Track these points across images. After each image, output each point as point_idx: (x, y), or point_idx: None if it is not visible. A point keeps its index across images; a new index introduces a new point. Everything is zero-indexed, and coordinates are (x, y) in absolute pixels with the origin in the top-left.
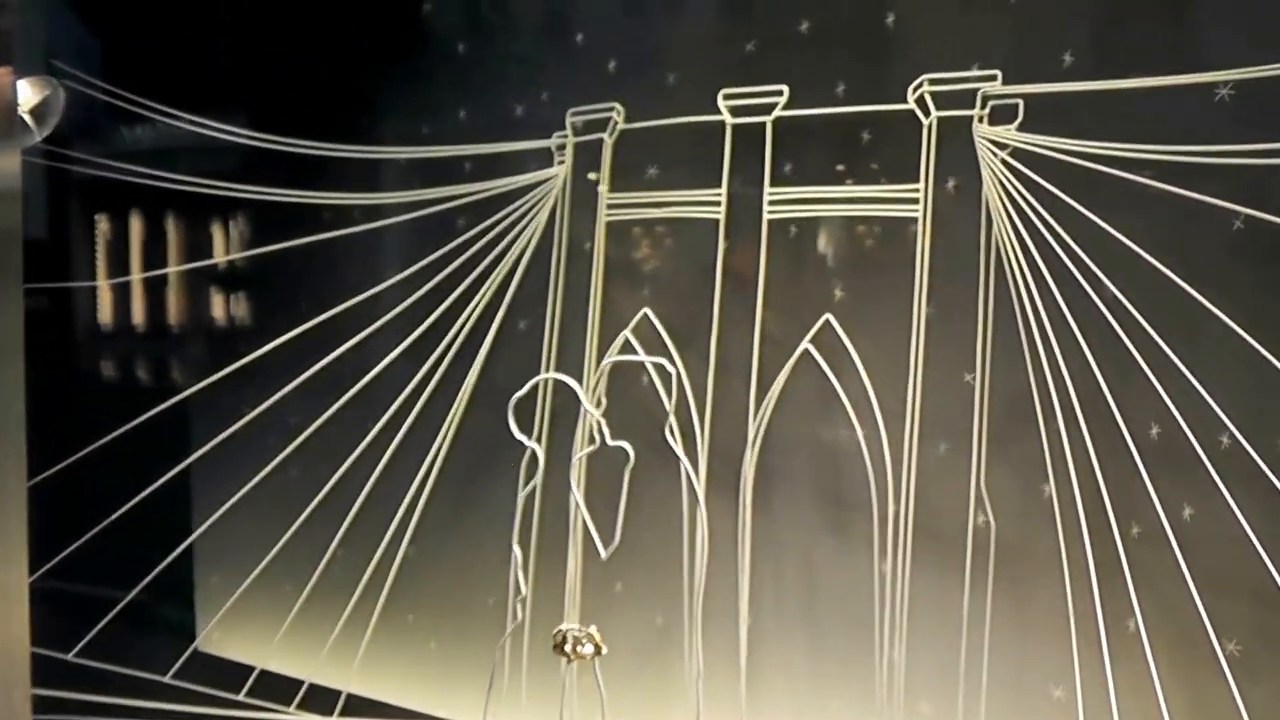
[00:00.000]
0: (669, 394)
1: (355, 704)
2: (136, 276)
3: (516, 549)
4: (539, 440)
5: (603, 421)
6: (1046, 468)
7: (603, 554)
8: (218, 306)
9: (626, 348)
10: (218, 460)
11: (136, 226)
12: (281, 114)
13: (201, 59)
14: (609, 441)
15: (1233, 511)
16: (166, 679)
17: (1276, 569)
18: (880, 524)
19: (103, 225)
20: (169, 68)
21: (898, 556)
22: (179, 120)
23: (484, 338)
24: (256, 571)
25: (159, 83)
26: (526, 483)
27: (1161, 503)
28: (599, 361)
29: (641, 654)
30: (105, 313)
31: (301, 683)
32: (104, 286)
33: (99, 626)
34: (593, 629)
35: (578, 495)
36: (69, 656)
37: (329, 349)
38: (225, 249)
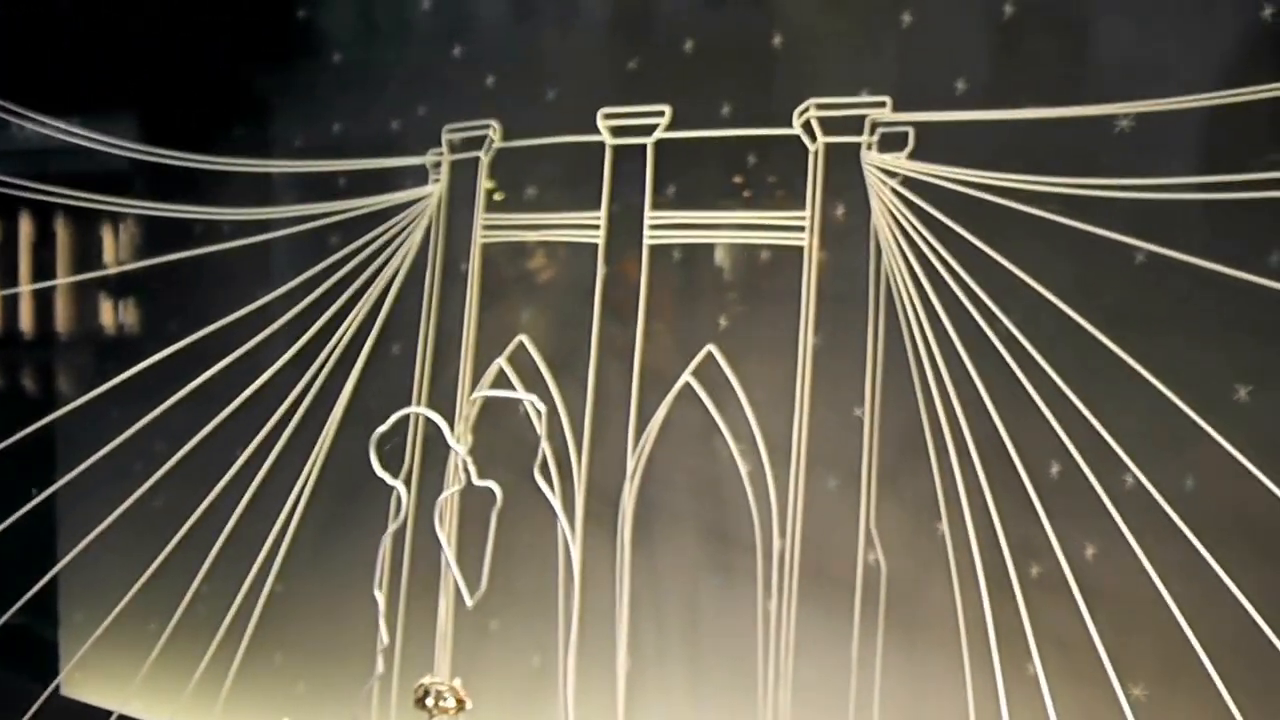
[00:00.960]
0: (541, 431)
1: None
2: None
3: (379, 595)
4: (409, 477)
5: (469, 460)
6: (939, 506)
7: (469, 602)
8: (79, 322)
9: (501, 377)
10: (80, 491)
11: None
12: (150, 123)
13: (73, 67)
14: (475, 481)
15: (1137, 552)
16: None
17: (1181, 611)
18: (765, 561)
19: None
20: (40, 74)
21: (783, 596)
22: (46, 127)
23: (354, 362)
24: (118, 610)
25: (29, 89)
26: (393, 523)
27: (1062, 542)
28: (472, 389)
29: (517, 695)
30: None
31: None
32: None
33: None
34: (456, 682)
35: (442, 538)
36: None
37: (197, 371)
38: (89, 264)
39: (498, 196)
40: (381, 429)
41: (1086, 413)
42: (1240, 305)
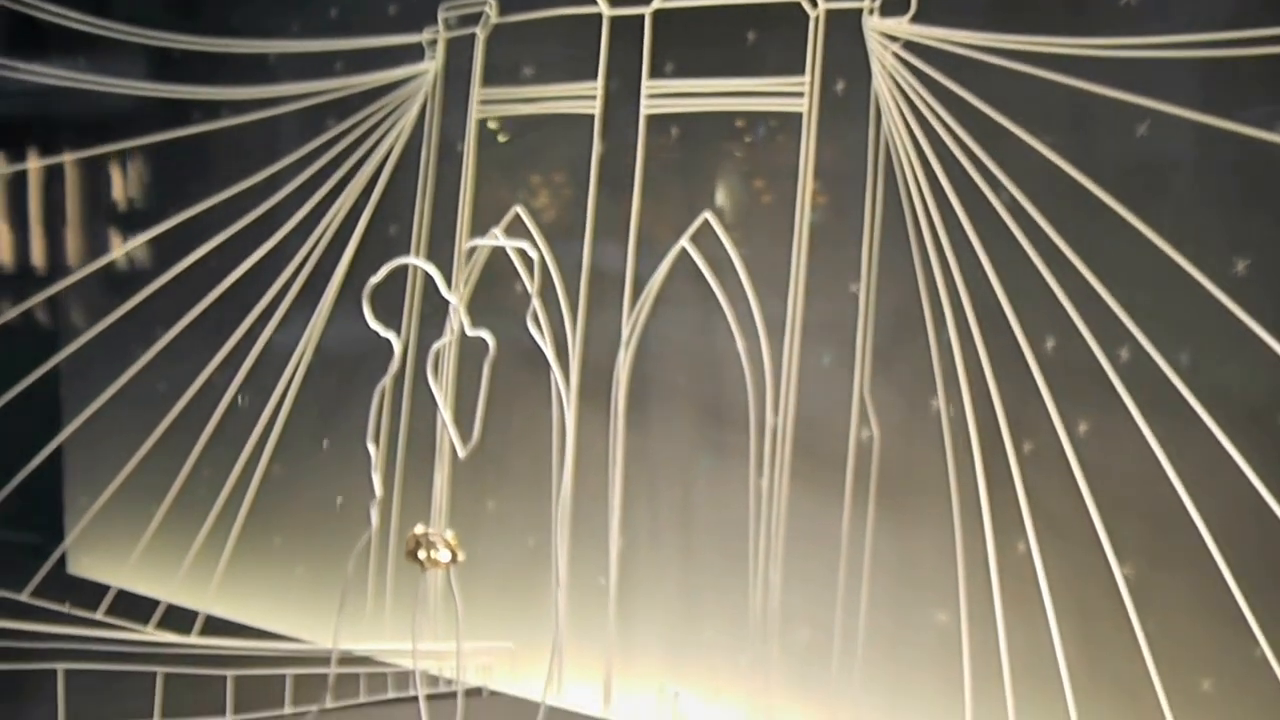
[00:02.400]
0: (533, 287)
1: (218, 626)
2: None
3: (371, 448)
4: (407, 340)
5: (463, 310)
6: (935, 381)
7: (461, 453)
8: (79, 204)
9: (497, 248)
10: (84, 373)
11: None
12: (148, 3)
13: None
14: (469, 331)
15: (1131, 427)
16: (23, 597)
17: (1174, 486)
18: (758, 438)
19: None
20: None
21: (775, 472)
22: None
23: (349, 241)
24: (117, 482)
25: None
26: (386, 384)
27: (1056, 418)
28: (468, 262)
29: (513, 576)
30: None
31: (158, 603)
32: None
33: None
34: (449, 533)
35: (435, 388)
36: None
37: (190, 251)
38: (88, 145)
39: (502, 138)
40: (374, 279)
41: (1087, 274)
42: (1240, 178)
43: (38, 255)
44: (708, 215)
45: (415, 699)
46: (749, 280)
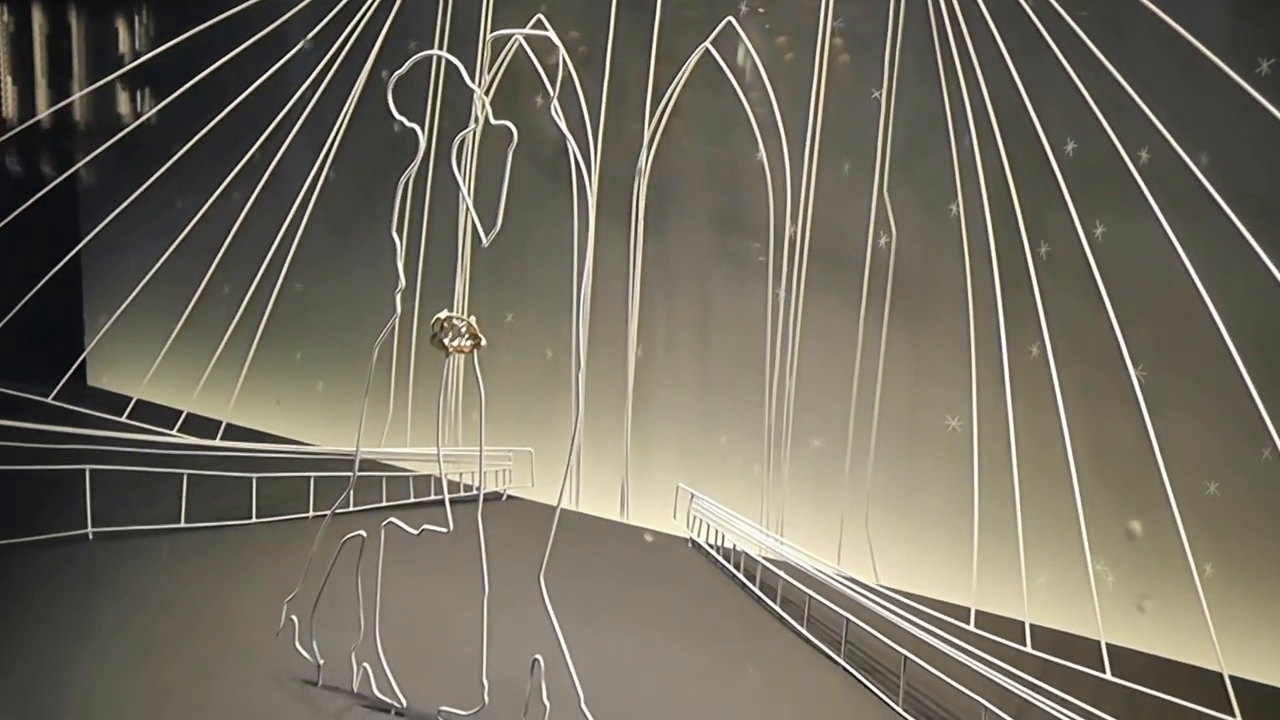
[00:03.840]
0: (553, 80)
1: (241, 435)
2: None
3: (396, 238)
4: (431, 134)
5: (486, 100)
6: (955, 185)
7: (484, 240)
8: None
9: (518, 52)
10: (106, 183)
11: None
12: None
13: None
14: (492, 120)
15: (1149, 229)
16: (49, 400)
17: (1199, 283)
18: (776, 248)
19: None
20: None
21: (793, 281)
22: None
23: (368, 54)
24: (137, 290)
25: None
26: (411, 175)
27: (1073, 220)
28: (492, 65)
29: (531, 387)
30: None
31: (180, 413)
32: None
33: None
34: (471, 318)
35: (458, 175)
36: None
37: (212, 61)
38: None
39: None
40: (399, 71)
41: (1114, 71)
42: None
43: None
44: (731, 19)
45: (438, 502)
46: (770, 87)
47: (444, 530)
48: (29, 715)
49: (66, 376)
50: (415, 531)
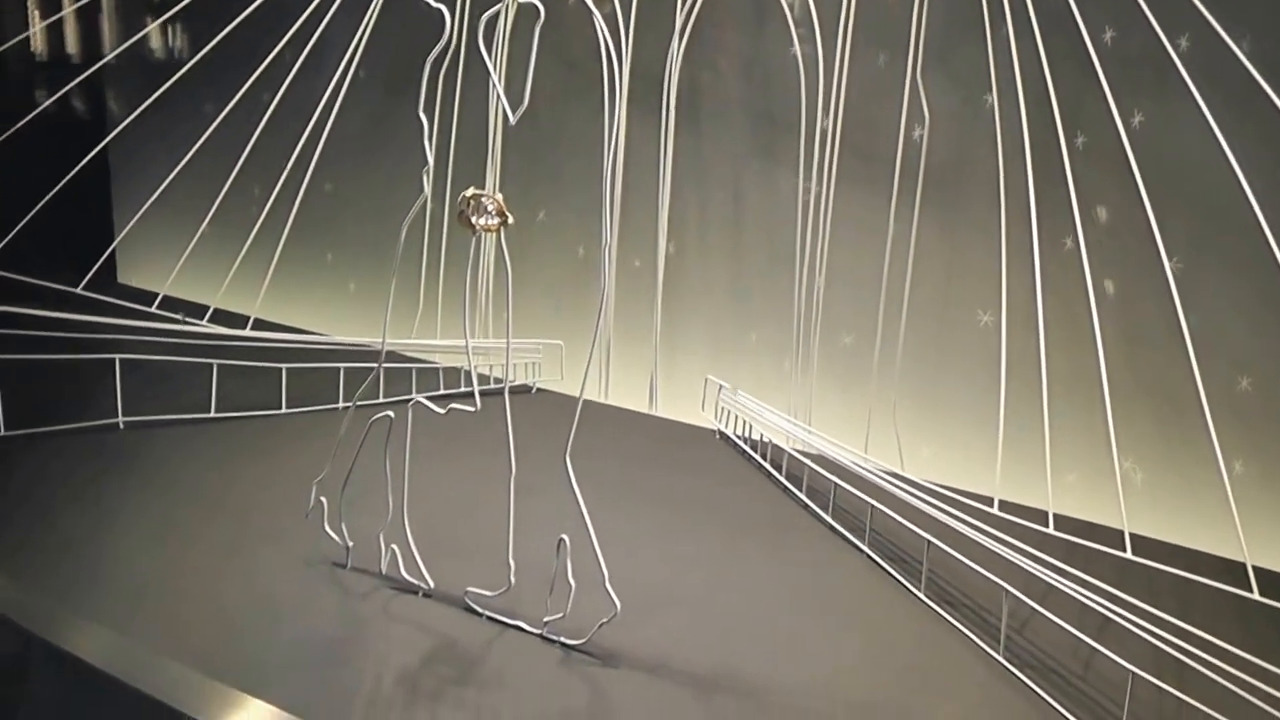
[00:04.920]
0: None
1: (270, 329)
2: None
3: (423, 117)
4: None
5: None
6: (990, 77)
7: (512, 118)
8: None
9: None
10: (133, 86)
11: None
12: None
13: None
14: None
15: (1187, 117)
16: (79, 290)
17: (1236, 174)
18: (808, 143)
19: None
20: None
21: (825, 176)
22: None
23: None
24: (165, 183)
25: None
26: (440, 59)
27: (1110, 110)
28: None
29: (562, 284)
30: None
31: (208, 308)
32: None
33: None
34: (499, 195)
35: (485, 54)
36: None
37: None
38: None
39: None
40: None
41: None
42: None
43: None
44: None
45: (467, 394)
46: None
47: (471, 410)
48: (58, 591)
49: (96, 267)
50: (442, 411)
